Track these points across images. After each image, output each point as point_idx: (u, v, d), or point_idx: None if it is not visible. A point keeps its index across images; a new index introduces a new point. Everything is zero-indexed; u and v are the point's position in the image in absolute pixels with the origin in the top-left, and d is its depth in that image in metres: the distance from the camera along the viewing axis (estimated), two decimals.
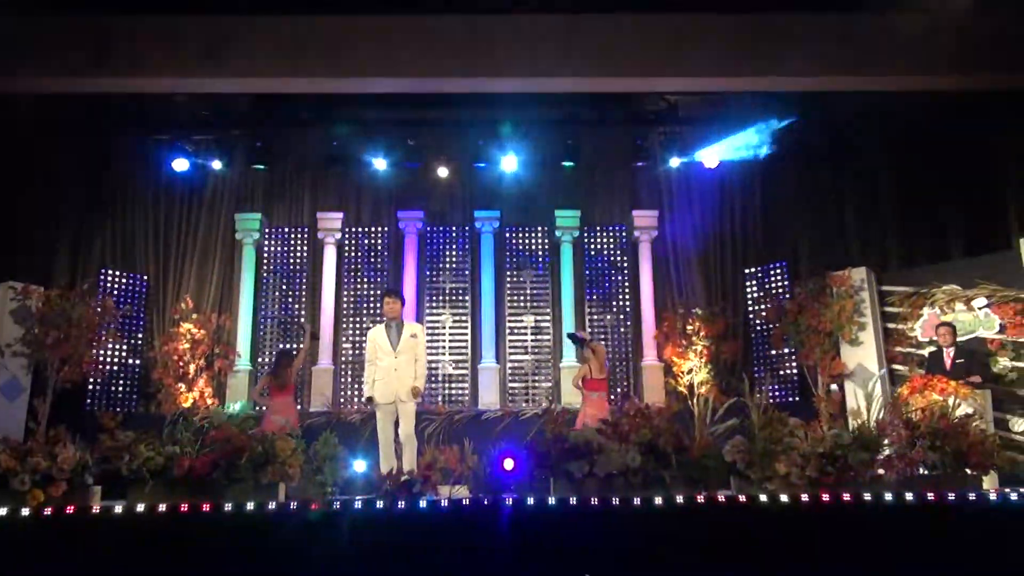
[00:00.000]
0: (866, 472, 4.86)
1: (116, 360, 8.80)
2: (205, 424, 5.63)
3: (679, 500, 4.56)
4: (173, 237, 9.55)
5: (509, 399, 9.13)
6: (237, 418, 7.11)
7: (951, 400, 5.94)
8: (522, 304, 9.51)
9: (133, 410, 8.64)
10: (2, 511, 4.43)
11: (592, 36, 7.40)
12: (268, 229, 9.60)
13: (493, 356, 9.25)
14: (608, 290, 9.59)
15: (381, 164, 9.40)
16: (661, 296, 9.53)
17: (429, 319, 9.35)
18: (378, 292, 9.23)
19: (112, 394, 8.73)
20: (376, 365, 6.30)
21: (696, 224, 9.74)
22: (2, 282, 8.10)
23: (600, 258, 9.67)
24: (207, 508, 4.49)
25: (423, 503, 4.69)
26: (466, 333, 9.40)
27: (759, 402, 5.25)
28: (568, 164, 9.57)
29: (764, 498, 4.63)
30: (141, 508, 4.51)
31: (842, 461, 4.84)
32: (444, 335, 9.36)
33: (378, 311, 9.00)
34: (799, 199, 9.57)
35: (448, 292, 9.52)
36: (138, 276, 9.22)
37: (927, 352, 7.74)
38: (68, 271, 9.05)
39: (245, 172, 9.67)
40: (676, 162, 9.51)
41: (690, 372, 8.92)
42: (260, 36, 7.40)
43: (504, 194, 9.68)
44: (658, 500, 4.55)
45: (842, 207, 9.44)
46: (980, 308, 7.81)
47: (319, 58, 7.44)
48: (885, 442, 5.06)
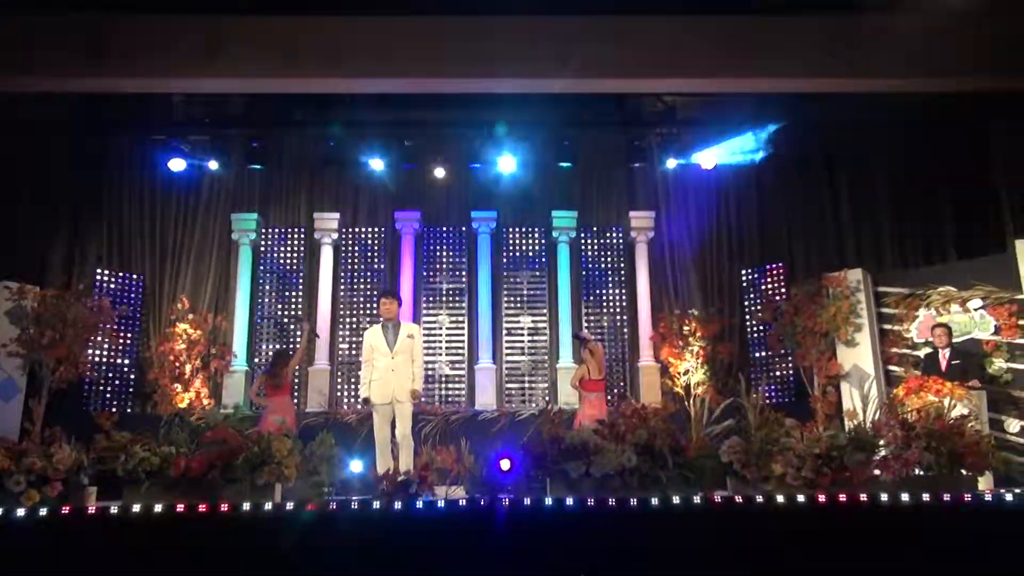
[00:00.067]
0: (862, 473, 4.87)
1: (112, 360, 8.77)
2: (201, 424, 5.64)
3: (675, 501, 4.56)
4: (169, 237, 9.53)
5: (506, 400, 9.12)
6: (233, 418, 7.11)
7: (947, 401, 5.96)
8: (519, 305, 9.51)
9: (129, 410, 8.63)
10: None
11: (589, 37, 7.40)
12: (264, 229, 9.58)
13: (490, 357, 9.25)
14: (605, 291, 9.59)
15: (378, 165, 9.39)
16: (657, 297, 9.54)
17: (426, 320, 9.34)
18: (375, 293, 9.22)
19: (108, 394, 8.70)
20: (372, 366, 6.30)
21: (692, 225, 9.76)
22: None
23: (597, 259, 9.68)
24: (203, 509, 4.48)
25: (419, 504, 4.68)
26: (463, 334, 9.40)
27: (755, 403, 5.28)
28: (565, 165, 9.59)
29: (760, 499, 4.63)
30: (137, 509, 4.50)
31: (838, 462, 4.86)
32: (441, 336, 9.36)
33: (375, 312, 8.99)
34: (795, 200, 9.60)
35: (445, 293, 9.52)
36: (134, 276, 9.19)
37: (923, 353, 7.77)
38: (64, 271, 9.02)
39: (241, 172, 9.67)
40: (673, 163, 9.54)
41: (686, 373, 8.94)
42: (257, 36, 7.39)
43: (501, 195, 9.68)
44: (654, 501, 4.55)
45: (838, 208, 9.47)
46: (975, 310, 7.84)
47: (316, 58, 7.44)
48: (881, 443, 5.08)
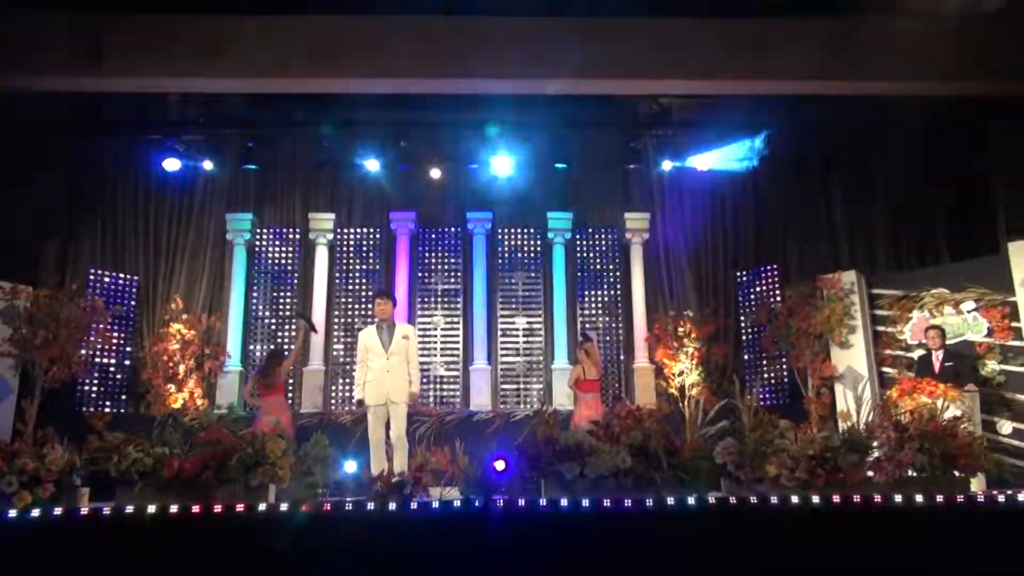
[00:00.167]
0: (856, 474, 4.89)
1: (105, 360, 8.74)
2: (195, 425, 5.61)
3: (670, 502, 4.57)
4: (164, 237, 9.49)
5: (501, 401, 9.12)
6: (227, 419, 7.09)
7: (940, 403, 5.99)
8: (514, 306, 9.51)
9: (122, 411, 8.60)
10: None
11: (586, 39, 7.41)
12: (259, 230, 9.56)
13: (485, 358, 9.24)
14: (600, 292, 9.60)
15: (373, 165, 9.38)
16: (652, 298, 9.54)
17: (421, 320, 9.33)
18: (370, 293, 9.21)
19: (101, 395, 8.67)
20: (367, 366, 6.29)
21: (687, 227, 9.77)
22: None
23: (592, 260, 9.69)
24: (196, 510, 4.46)
25: (414, 505, 4.68)
26: (458, 334, 9.39)
27: (750, 404, 5.28)
28: (561, 166, 9.60)
29: (754, 500, 4.64)
30: (130, 510, 4.48)
31: (832, 463, 4.87)
32: (436, 336, 9.35)
33: (370, 312, 8.98)
34: (790, 202, 9.62)
35: (440, 293, 9.51)
36: (128, 276, 9.15)
37: (916, 355, 7.79)
38: (57, 271, 8.98)
39: (236, 172, 9.63)
40: (668, 165, 9.55)
41: (681, 374, 8.94)
42: (253, 36, 7.38)
43: (497, 195, 9.67)
44: (649, 502, 4.56)
45: (832, 211, 9.49)
46: (968, 312, 7.87)
47: (312, 58, 7.43)
48: (875, 444, 5.09)
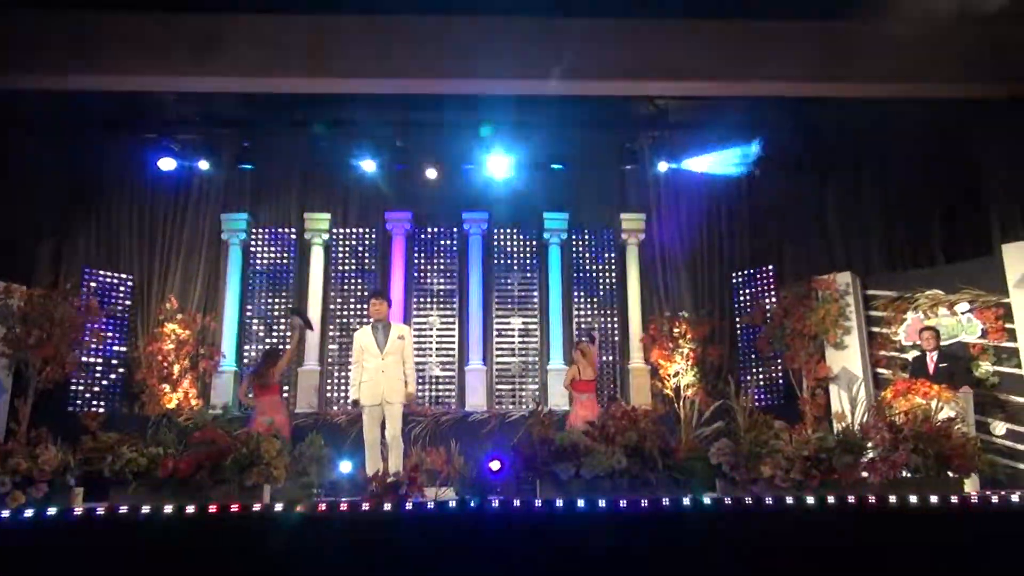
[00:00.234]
0: (850, 475, 4.90)
1: (99, 360, 8.71)
2: (189, 425, 5.61)
3: (665, 502, 4.57)
4: (158, 237, 9.46)
5: (496, 401, 9.12)
6: (222, 419, 7.07)
7: (934, 404, 6.00)
8: (510, 306, 9.51)
9: (116, 411, 8.56)
10: None
11: (582, 39, 7.40)
12: (255, 229, 9.54)
13: (480, 358, 9.24)
14: (595, 293, 9.61)
15: (369, 165, 9.36)
16: (648, 299, 9.56)
17: (416, 320, 9.33)
18: (365, 293, 9.20)
19: (95, 395, 8.64)
20: (362, 367, 6.29)
21: (683, 228, 9.78)
22: None
23: (588, 260, 9.70)
24: (191, 510, 4.45)
25: (409, 505, 4.67)
26: (453, 335, 9.39)
27: (744, 405, 5.29)
28: (557, 166, 9.59)
29: (749, 500, 4.65)
30: (124, 510, 4.47)
31: (827, 464, 4.89)
32: (431, 337, 9.35)
33: (365, 312, 8.97)
34: (785, 204, 9.63)
35: (436, 294, 9.51)
36: (122, 276, 9.13)
37: (911, 356, 7.82)
38: (51, 270, 8.94)
39: (232, 172, 9.58)
40: (664, 166, 9.55)
41: (676, 375, 8.95)
42: (248, 35, 7.34)
43: (493, 196, 9.67)
44: (644, 502, 4.56)
45: (827, 212, 9.51)
46: (963, 313, 7.89)
47: (308, 58, 7.40)
48: (869, 445, 5.11)
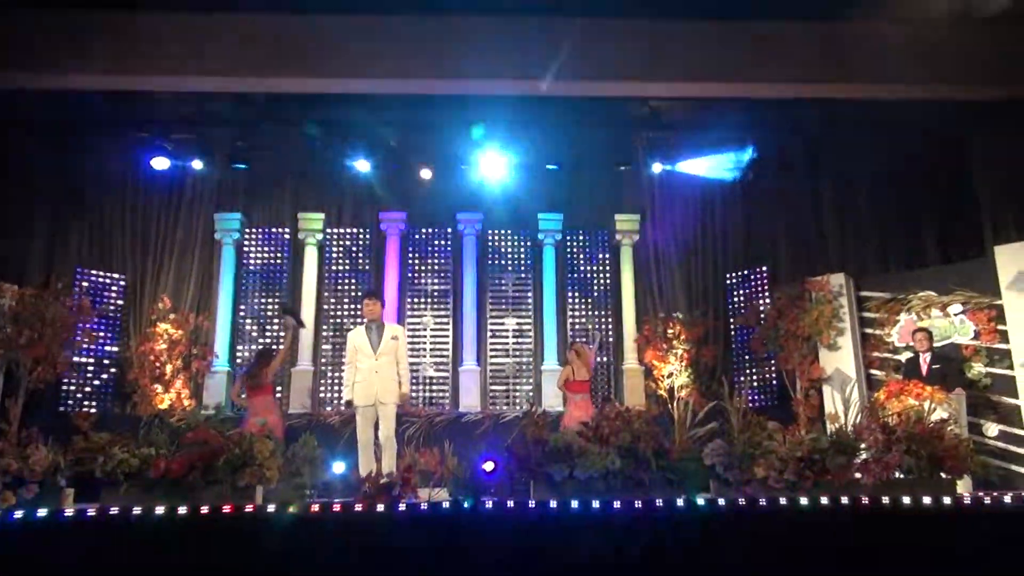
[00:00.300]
0: (843, 476, 4.91)
1: (91, 360, 8.66)
2: (182, 426, 5.58)
3: (658, 503, 4.57)
4: (151, 236, 9.40)
5: (490, 402, 9.11)
6: (215, 419, 7.03)
7: (927, 405, 6.02)
8: (504, 306, 9.50)
9: (108, 411, 8.51)
10: None
11: (577, 40, 7.40)
12: (248, 229, 9.51)
13: (474, 358, 9.22)
14: (590, 293, 9.61)
15: (363, 165, 9.34)
16: (642, 300, 9.56)
17: (410, 321, 9.31)
18: (359, 293, 9.17)
19: (87, 395, 8.58)
20: (356, 367, 6.26)
21: (677, 229, 9.79)
22: None
23: (582, 261, 9.70)
24: (183, 511, 4.43)
25: (402, 506, 4.66)
26: (447, 335, 9.37)
27: (738, 406, 5.30)
28: (551, 167, 9.59)
29: (742, 501, 4.65)
30: (115, 511, 4.44)
31: (820, 465, 4.90)
32: (425, 337, 9.33)
33: (359, 313, 8.94)
34: (779, 205, 9.65)
35: (430, 294, 9.49)
36: (115, 275, 9.07)
37: (904, 357, 7.84)
38: (43, 269, 8.88)
39: (225, 171, 9.56)
40: (659, 167, 9.56)
41: (670, 376, 8.95)
42: (242, 35, 7.33)
43: (487, 196, 9.65)
44: (638, 503, 4.56)
45: (821, 213, 9.53)
46: (955, 314, 7.91)
47: (302, 57, 7.38)
48: (862, 446, 5.12)
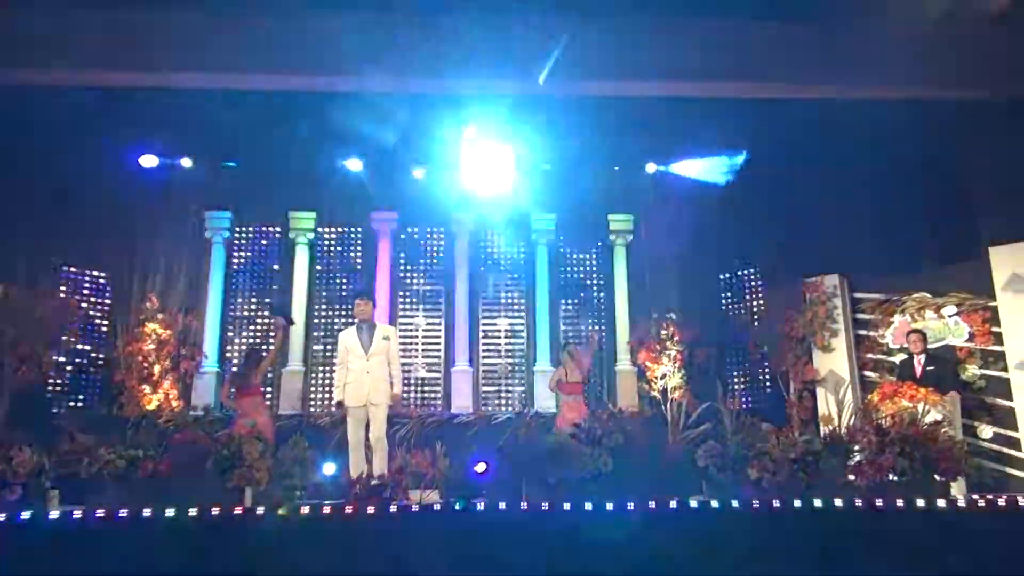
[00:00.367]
0: (837, 478, 4.89)
1: (77, 361, 8.56)
2: (170, 427, 5.51)
3: (651, 505, 4.54)
4: (139, 235, 9.30)
5: (482, 403, 9.06)
6: (203, 421, 6.96)
7: (921, 407, 6.01)
8: (496, 307, 9.46)
9: (95, 412, 8.41)
10: None
11: (572, 40, 7.37)
12: (238, 228, 9.44)
13: (466, 359, 9.17)
14: (583, 294, 9.58)
15: (355, 164, 9.28)
16: (636, 301, 9.53)
17: (402, 321, 9.26)
18: (350, 293, 9.11)
19: (73, 395, 8.49)
20: (347, 368, 6.21)
21: (671, 229, 9.76)
22: None
23: (576, 262, 9.68)
24: (170, 513, 4.37)
25: (393, 507, 4.62)
26: (439, 336, 9.32)
27: (732, 407, 5.28)
28: (545, 167, 9.55)
29: (736, 503, 4.62)
30: (101, 513, 4.38)
31: (813, 467, 4.87)
32: (417, 338, 9.28)
33: (350, 313, 8.88)
34: (773, 206, 9.63)
35: (422, 294, 9.45)
36: (102, 274, 8.99)
37: (898, 359, 7.83)
38: (29, 268, 8.77)
39: (215, 169, 9.48)
40: (652, 168, 9.54)
41: (664, 377, 8.92)
42: (235, 33, 7.29)
43: (480, 196, 9.60)
44: (630, 505, 4.52)
45: (815, 214, 9.51)
46: (950, 316, 7.91)
47: (295, 56, 7.35)
48: (856, 448, 5.10)
